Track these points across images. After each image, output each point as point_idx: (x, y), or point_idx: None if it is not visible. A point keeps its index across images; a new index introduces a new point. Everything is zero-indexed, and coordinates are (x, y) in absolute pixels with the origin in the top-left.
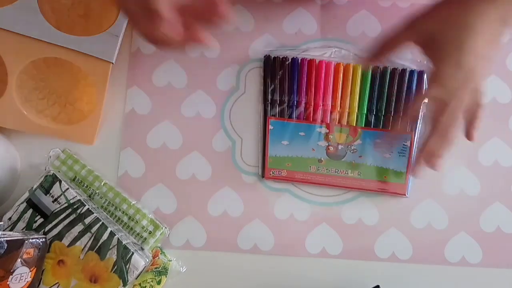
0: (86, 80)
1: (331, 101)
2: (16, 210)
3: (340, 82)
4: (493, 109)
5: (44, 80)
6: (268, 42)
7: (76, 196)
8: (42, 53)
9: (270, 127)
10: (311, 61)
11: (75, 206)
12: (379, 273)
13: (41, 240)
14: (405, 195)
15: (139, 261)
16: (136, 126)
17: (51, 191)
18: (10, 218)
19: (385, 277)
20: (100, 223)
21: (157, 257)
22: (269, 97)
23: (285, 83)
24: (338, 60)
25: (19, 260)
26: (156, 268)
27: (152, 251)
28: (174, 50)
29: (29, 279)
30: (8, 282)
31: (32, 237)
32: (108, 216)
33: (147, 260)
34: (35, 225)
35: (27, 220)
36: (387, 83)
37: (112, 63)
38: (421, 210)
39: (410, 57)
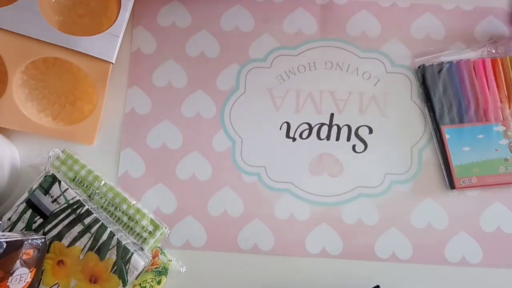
0: (86, 80)
1: (499, 98)
2: (16, 211)
3: (502, 77)
4: None
5: (44, 80)
6: (268, 42)
7: (75, 196)
8: (42, 53)
9: (447, 136)
10: (467, 62)
11: (74, 207)
12: (379, 273)
13: (40, 240)
14: None
15: (138, 262)
16: (136, 126)
17: (50, 192)
18: (9, 219)
19: (385, 277)
20: (100, 223)
21: (157, 257)
22: (437, 106)
23: (449, 90)
24: (488, 57)
25: (18, 261)
26: (156, 268)
27: (152, 251)
28: None
29: (29, 280)
30: (8, 283)
31: (32, 237)
32: (108, 216)
33: (147, 260)
34: (34, 226)
35: (26, 220)
36: None
37: (112, 63)
38: (421, 210)
39: None
